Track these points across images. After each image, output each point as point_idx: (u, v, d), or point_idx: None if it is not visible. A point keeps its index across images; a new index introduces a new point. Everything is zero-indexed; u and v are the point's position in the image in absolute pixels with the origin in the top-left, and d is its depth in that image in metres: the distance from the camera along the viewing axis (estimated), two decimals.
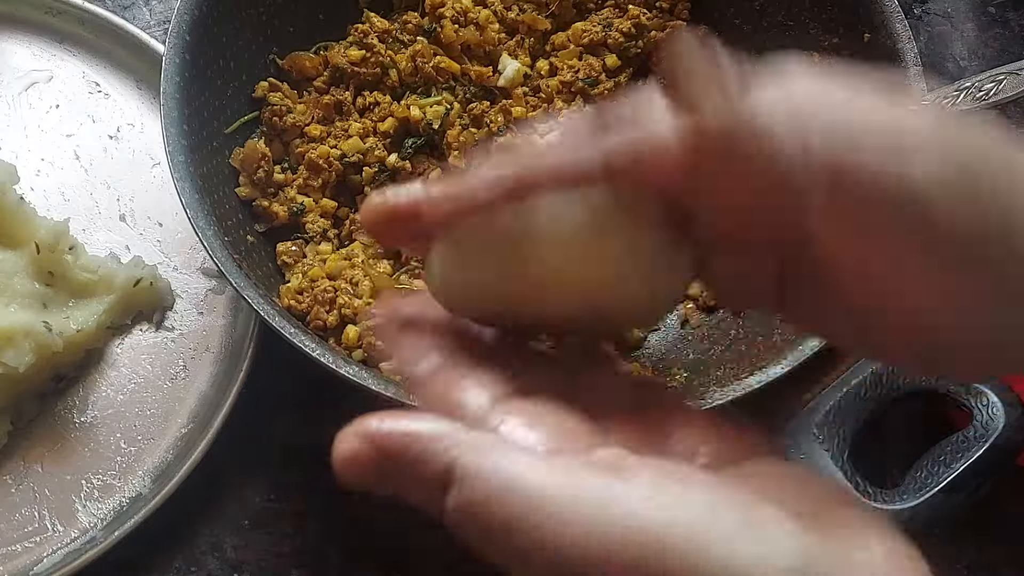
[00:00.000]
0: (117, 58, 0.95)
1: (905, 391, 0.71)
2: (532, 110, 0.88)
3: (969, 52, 1.04)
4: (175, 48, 0.76)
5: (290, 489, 0.81)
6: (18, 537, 0.77)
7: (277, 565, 0.79)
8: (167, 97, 0.74)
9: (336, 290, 0.75)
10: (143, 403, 0.82)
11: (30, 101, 0.94)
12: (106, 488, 0.79)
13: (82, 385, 0.83)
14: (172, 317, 0.86)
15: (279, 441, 0.83)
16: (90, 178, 0.91)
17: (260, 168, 0.80)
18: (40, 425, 0.81)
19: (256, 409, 0.81)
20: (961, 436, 0.68)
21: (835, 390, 0.71)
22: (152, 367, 0.84)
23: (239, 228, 0.78)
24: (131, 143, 0.93)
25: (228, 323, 0.85)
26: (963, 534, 0.81)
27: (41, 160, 0.91)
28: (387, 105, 0.84)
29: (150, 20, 1.00)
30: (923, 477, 0.67)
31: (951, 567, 0.80)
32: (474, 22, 0.86)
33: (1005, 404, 0.68)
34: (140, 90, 0.95)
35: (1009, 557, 0.80)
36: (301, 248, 0.80)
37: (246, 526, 0.80)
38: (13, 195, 0.81)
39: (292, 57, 0.85)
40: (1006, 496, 0.80)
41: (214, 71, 0.79)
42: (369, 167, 0.82)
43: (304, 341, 0.67)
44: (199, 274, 0.88)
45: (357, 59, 0.85)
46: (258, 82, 0.83)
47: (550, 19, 0.90)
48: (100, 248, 0.88)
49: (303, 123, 0.83)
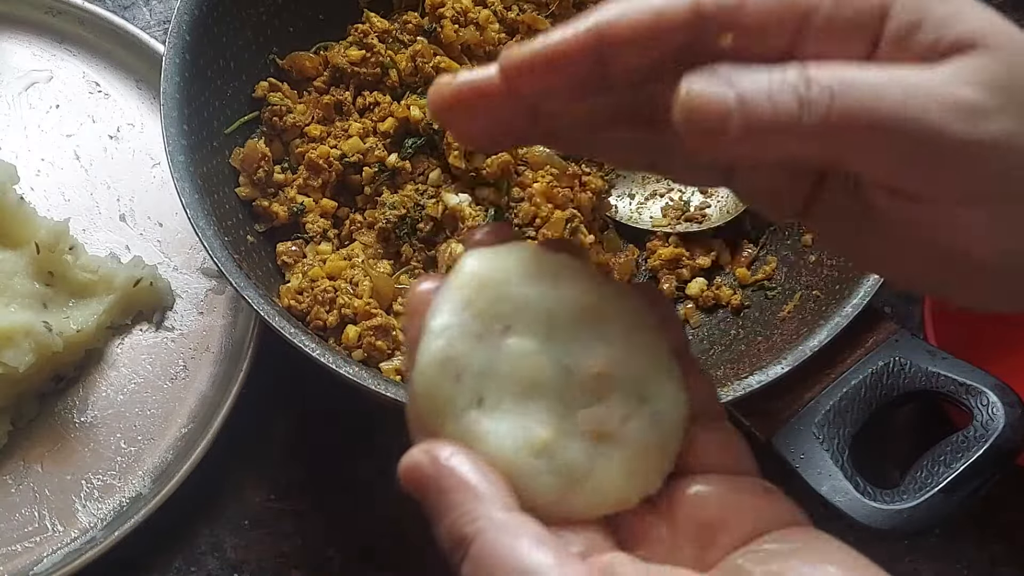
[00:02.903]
0: (117, 58, 0.95)
1: (905, 391, 0.71)
2: None
3: None
4: (175, 48, 0.76)
5: (290, 489, 0.81)
6: (18, 537, 0.77)
7: (277, 565, 0.79)
8: (167, 97, 0.74)
9: (336, 290, 0.75)
10: (143, 403, 0.82)
11: (30, 101, 0.94)
12: (106, 488, 0.79)
13: (82, 385, 0.83)
14: (172, 317, 0.86)
15: (279, 441, 0.83)
16: (90, 178, 0.91)
17: (260, 168, 0.80)
18: (40, 425, 0.81)
19: (256, 409, 0.81)
20: (961, 436, 0.68)
21: (835, 390, 0.70)
22: (152, 367, 0.84)
23: (239, 228, 0.78)
24: (131, 143, 0.93)
25: (228, 323, 0.85)
26: (963, 534, 0.81)
27: (41, 160, 0.91)
28: (387, 105, 0.84)
29: (150, 20, 1.00)
30: (923, 477, 0.67)
31: (951, 567, 0.80)
32: (474, 22, 0.86)
33: (1005, 404, 0.68)
34: (140, 90, 0.95)
35: (1009, 557, 0.80)
36: (301, 248, 0.80)
37: (246, 526, 0.80)
38: (13, 195, 0.81)
39: (292, 57, 0.85)
40: (1006, 496, 0.80)
41: (214, 71, 0.79)
42: (369, 167, 0.82)
43: (304, 341, 0.67)
44: (199, 274, 0.88)
45: (357, 59, 0.85)
46: (258, 82, 0.83)
47: (550, 19, 0.90)
48: (100, 248, 0.88)
49: (303, 123, 0.83)
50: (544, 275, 0.39)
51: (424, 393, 0.38)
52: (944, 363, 0.71)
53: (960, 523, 0.80)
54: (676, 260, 0.86)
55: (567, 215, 0.76)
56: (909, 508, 0.66)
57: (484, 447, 0.37)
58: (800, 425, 0.70)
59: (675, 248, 0.86)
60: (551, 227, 0.76)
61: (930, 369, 0.71)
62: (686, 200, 0.89)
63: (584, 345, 0.38)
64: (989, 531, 0.81)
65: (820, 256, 0.80)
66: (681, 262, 0.86)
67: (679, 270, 0.86)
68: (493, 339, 0.38)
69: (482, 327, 0.38)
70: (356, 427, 0.82)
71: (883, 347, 0.72)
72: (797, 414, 0.70)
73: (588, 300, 0.39)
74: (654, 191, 0.90)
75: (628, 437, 0.38)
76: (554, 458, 0.37)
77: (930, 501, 0.66)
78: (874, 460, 0.74)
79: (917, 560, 0.80)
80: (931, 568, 0.80)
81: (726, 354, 0.79)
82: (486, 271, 0.39)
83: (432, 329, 0.38)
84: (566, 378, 0.38)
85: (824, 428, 0.70)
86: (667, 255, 0.86)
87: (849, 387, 0.71)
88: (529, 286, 0.39)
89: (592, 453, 0.38)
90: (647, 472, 0.39)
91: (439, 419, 0.38)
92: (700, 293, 0.85)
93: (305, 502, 0.81)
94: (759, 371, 0.68)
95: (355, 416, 0.82)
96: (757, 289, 0.84)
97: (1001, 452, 0.67)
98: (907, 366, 0.71)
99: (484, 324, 0.38)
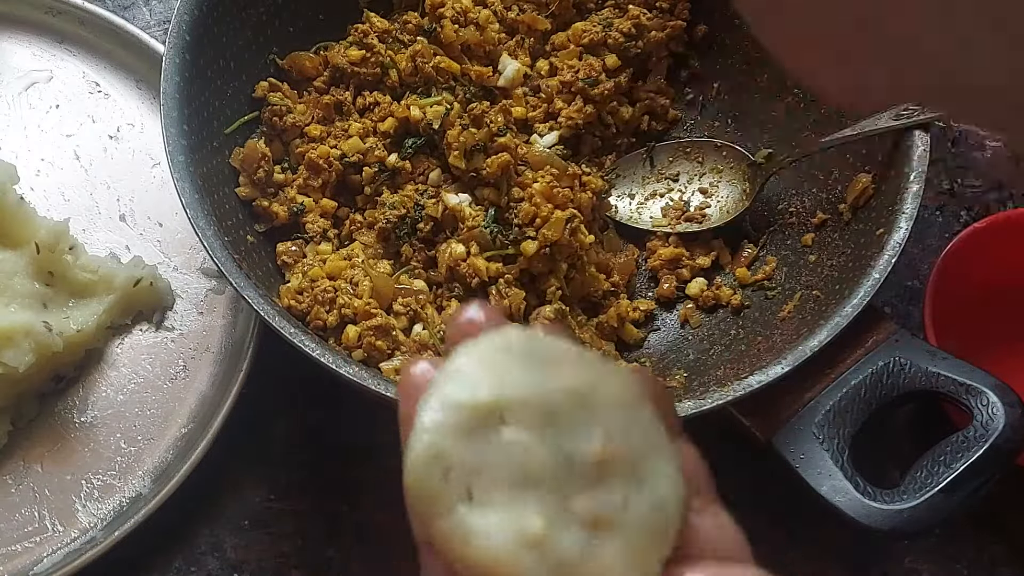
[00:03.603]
0: (117, 58, 0.95)
1: (905, 391, 0.71)
2: (532, 110, 0.88)
3: None
4: (175, 48, 0.76)
5: (290, 489, 0.81)
6: (18, 537, 0.77)
7: (277, 565, 0.79)
8: (167, 97, 0.74)
9: (336, 290, 0.75)
10: (143, 403, 0.82)
11: (30, 101, 0.94)
12: (106, 488, 0.79)
13: (82, 385, 0.83)
14: (172, 317, 0.86)
15: (279, 442, 0.83)
16: (90, 178, 0.91)
17: (260, 168, 0.80)
18: (40, 425, 0.81)
19: (256, 409, 0.81)
20: (961, 436, 0.68)
21: (835, 390, 0.70)
22: (152, 367, 0.84)
23: (239, 228, 0.78)
24: (131, 143, 0.93)
25: (228, 323, 0.85)
26: (963, 534, 0.81)
27: (41, 160, 0.91)
28: (387, 105, 0.84)
29: (150, 20, 1.00)
30: (923, 477, 0.67)
31: (951, 567, 0.80)
32: (474, 22, 0.86)
33: (1005, 404, 0.68)
34: (140, 90, 0.95)
35: (1008, 557, 0.80)
36: (301, 248, 0.80)
37: (246, 526, 0.80)
38: (13, 195, 0.81)
39: (292, 57, 0.85)
40: (1006, 496, 0.80)
41: (214, 71, 0.79)
42: (369, 167, 0.82)
43: (304, 341, 0.67)
44: (199, 274, 0.88)
45: (357, 59, 0.85)
46: (258, 82, 0.83)
47: (550, 19, 0.90)
48: (100, 248, 0.88)
49: (303, 123, 0.83)
50: (534, 362, 0.39)
51: (414, 489, 0.38)
52: (944, 363, 0.71)
53: (960, 523, 0.80)
54: (676, 260, 0.86)
55: (567, 215, 0.76)
56: (909, 508, 0.66)
57: (474, 543, 0.36)
58: (800, 425, 0.70)
59: (675, 248, 0.86)
60: (551, 227, 0.76)
61: (930, 369, 0.71)
62: (686, 200, 0.89)
63: (579, 430, 0.38)
64: (989, 531, 0.81)
65: (820, 256, 0.80)
66: (681, 262, 0.86)
67: (679, 270, 0.86)
68: (484, 432, 0.37)
69: (473, 421, 0.37)
70: (356, 427, 0.82)
71: (883, 347, 0.72)
72: (797, 414, 0.70)
73: (580, 384, 0.39)
74: (654, 191, 0.90)
75: (627, 523, 0.37)
76: (549, 550, 0.36)
77: (930, 501, 0.66)
78: (874, 460, 0.74)
79: (917, 560, 0.80)
80: (931, 568, 0.80)
81: (726, 354, 0.79)
82: (476, 365, 0.39)
83: (422, 424, 0.38)
84: (562, 466, 0.37)
85: (824, 428, 0.70)
86: (667, 255, 0.86)
87: (849, 387, 0.71)
88: (520, 376, 0.38)
89: (589, 542, 0.37)
90: (646, 559, 0.38)
91: (429, 515, 0.37)
92: (700, 293, 0.85)
93: (305, 502, 0.81)
94: (759, 371, 0.68)
95: (355, 416, 0.82)
96: (757, 289, 0.84)
97: (1001, 452, 0.67)
98: (907, 366, 0.71)
99: (475, 418, 0.37)
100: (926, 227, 0.92)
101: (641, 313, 0.84)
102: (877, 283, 0.71)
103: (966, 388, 0.69)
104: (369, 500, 0.81)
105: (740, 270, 0.85)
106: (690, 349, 0.83)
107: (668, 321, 0.86)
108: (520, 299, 0.76)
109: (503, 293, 0.76)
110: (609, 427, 0.38)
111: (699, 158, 0.89)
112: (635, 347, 0.84)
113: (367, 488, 0.81)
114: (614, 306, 0.82)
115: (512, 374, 0.38)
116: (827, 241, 0.80)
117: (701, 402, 0.67)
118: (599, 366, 0.40)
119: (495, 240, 0.77)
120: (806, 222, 0.84)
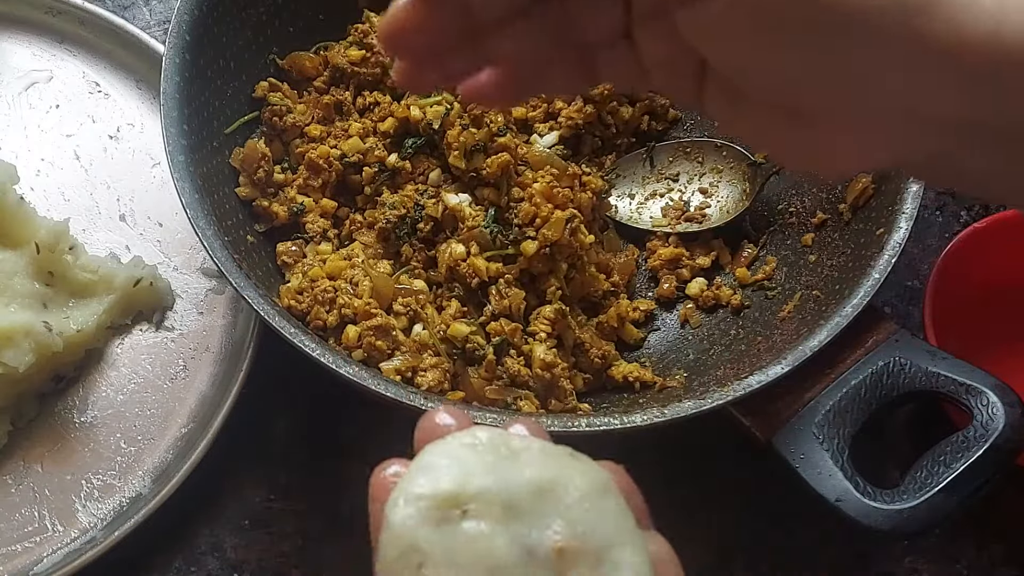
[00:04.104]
0: (117, 58, 0.95)
1: (905, 391, 0.70)
2: (532, 110, 0.88)
3: None
4: (175, 48, 0.76)
5: (290, 489, 0.81)
6: (18, 537, 0.77)
7: (277, 565, 0.79)
8: (167, 97, 0.74)
9: (336, 290, 0.75)
10: (143, 403, 0.82)
11: (30, 101, 0.94)
12: (106, 488, 0.79)
13: (82, 385, 0.83)
14: (172, 317, 0.86)
15: (279, 442, 0.83)
16: (90, 178, 0.91)
17: (260, 168, 0.80)
18: (40, 425, 0.81)
19: (256, 409, 0.81)
20: (961, 436, 0.68)
21: (835, 390, 0.70)
22: (152, 367, 0.84)
23: (239, 228, 0.78)
24: (131, 143, 0.93)
25: (228, 323, 0.85)
26: (963, 534, 0.81)
27: (41, 160, 0.91)
28: (387, 105, 0.84)
29: (150, 20, 1.00)
30: (923, 477, 0.67)
31: (951, 567, 0.80)
32: None
33: (1005, 404, 0.68)
34: (140, 90, 0.95)
35: (1008, 556, 0.80)
36: (301, 248, 0.80)
37: (246, 526, 0.80)
38: (13, 195, 0.81)
39: (292, 57, 0.85)
40: (1006, 496, 0.80)
41: (214, 71, 0.79)
42: (369, 167, 0.82)
43: (304, 341, 0.67)
44: (199, 274, 0.88)
45: (357, 59, 0.85)
46: (258, 82, 0.83)
47: None
48: (100, 248, 0.88)
49: (303, 123, 0.83)
50: (499, 457, 0.40)
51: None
52: (944, 363, 0.71)
53: (960, 523, 0.80)
54: (676, 260, 0.86)
55: (567, 215, 0.76)
56: (909, 508, 0.66)
57: None
58: (800, 425, 0.70)
59: (675, 248, 0.86)
60: (551, 227, 0.76)
61: (930, 369, 0.71)
62: (686, 200, 0.89)
63: (543, 521, 0.38)
64: (989, 531, 0.81)
65: (820, 256, 0.80)
66: (681, 262, 0.86)
67: (679, 270, 0.86)
68: (451, 526, 0.38)
69: (436, 512, 0.38)
70: (356, 427, 0.82)
71: (883, 347, 0.72)
72: (797, 414, 0.70)
73: (543, 477, 0.39)
74: (654, 191, 0.90)
75: None
76: None
77: (930, 501, 0.66)
78: (874, 460, 0.74)
79: (917, 560, 0.80)
80: (931, 568, 0.80)
81: (726, 354, 0.79)
82: (440, 460, 0.39)
83: (391, 522, 0.38)
84: (525, 557, 0.38)
85: (824, 428, 0.70)
86: (667, 255, 0.86)
87: (849, 387, 0.71)
88: (483, 469, 0.39)
89: None
90: None
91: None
92: (700, 293, 0.85)
93: (305, 502, 0.81)
94: (759, 371, 0.68)
95: (355, 416, 0.82)
96: (757, 289, 0.84)
97: (1001, 452, 0.67)
98: (907, 366, 0.71)
99: (438, 508, 0.38)
100: (926, 227, 0.92)
101: (641, 313, 0.84)
102: (877, 283, 0.71)
103: (966, 388, 0.69)
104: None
105: (740, 270, 0.85)
106: (690, 349, 0.83)
107: (668, 321, 0.86)
108: (520, 299, 0.76)
109: (503, 293, 0.76)
110: (571, 518, 0.39)
111: (699, 158, 0.89)
112: (635, 347, 0.84)
113: (367, 488, 0.81)
114: (614, 306, 0.82)
115: (475, 467, 0.39)
116: (827, 241, 0.80)
117: (701, 402, 0.67)
118: (565, 460, 0.41)
119: (495, 240, 0.77)
120: (806, 222, 0.84)
